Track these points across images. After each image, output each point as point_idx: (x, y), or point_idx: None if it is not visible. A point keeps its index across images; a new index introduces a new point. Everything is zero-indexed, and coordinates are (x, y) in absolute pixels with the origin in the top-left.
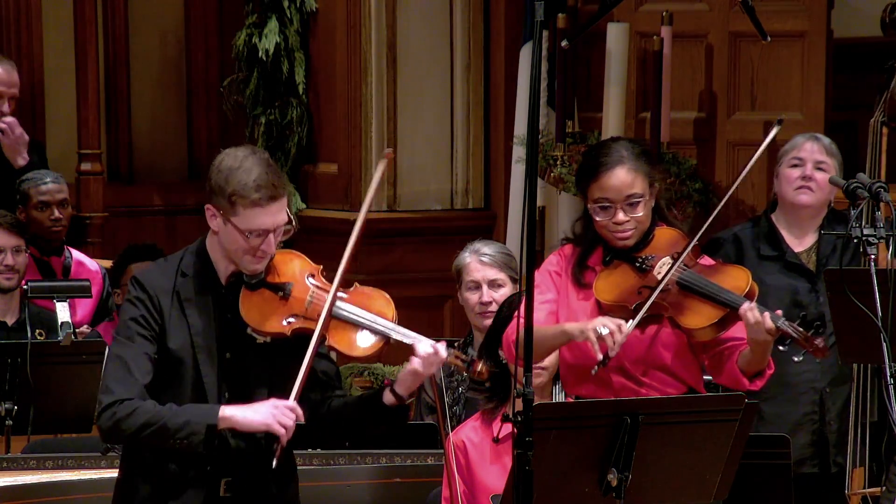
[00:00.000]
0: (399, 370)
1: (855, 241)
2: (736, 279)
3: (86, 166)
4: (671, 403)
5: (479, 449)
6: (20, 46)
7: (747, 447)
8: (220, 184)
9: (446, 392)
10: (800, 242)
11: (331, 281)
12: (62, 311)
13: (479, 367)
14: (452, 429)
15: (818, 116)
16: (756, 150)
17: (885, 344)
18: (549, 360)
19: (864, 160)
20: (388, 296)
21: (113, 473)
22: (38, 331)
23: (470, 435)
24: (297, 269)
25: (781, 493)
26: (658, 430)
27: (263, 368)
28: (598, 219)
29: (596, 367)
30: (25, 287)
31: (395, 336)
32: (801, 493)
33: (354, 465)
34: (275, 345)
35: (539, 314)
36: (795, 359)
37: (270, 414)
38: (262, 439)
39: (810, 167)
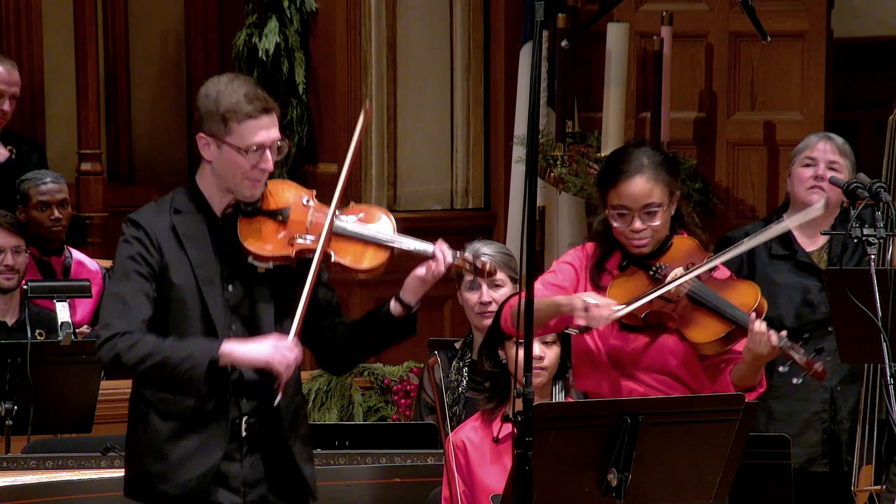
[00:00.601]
0: (399, 370)
1: (855, 240)
2: (745, 295)
3: (86, 166)
4: (671, 403)
5: (479, 449)
6: (20, 46)
7: (747, 447)
8: (211, 107)
9: (446, 392)
10: (811, 242)
11: (326, 204)
12: (62, 311)
13: (489, 266)
14: (452, 429)
15: (818, 116)
16: (756, 150)
17: (885, 344)
18: (549, 360)
19: (863, 160)
20: (387, 211)
21: (113, 473)
22: (38, 331)
23: (470, 435)
24: (291, 194)
25: (781, 493)
26: (658, 430)
27: (267, 298)
28: (615, 225)
29: (574, 329)
30: (25, 287)
31: (399, 245)
32: (811, 493)
33: (354, 465)
34: (277, 273)
35: (545, 291)
36: (795, 380)
37: (271, 351)
38: (262, 376)
39: (823, 167)
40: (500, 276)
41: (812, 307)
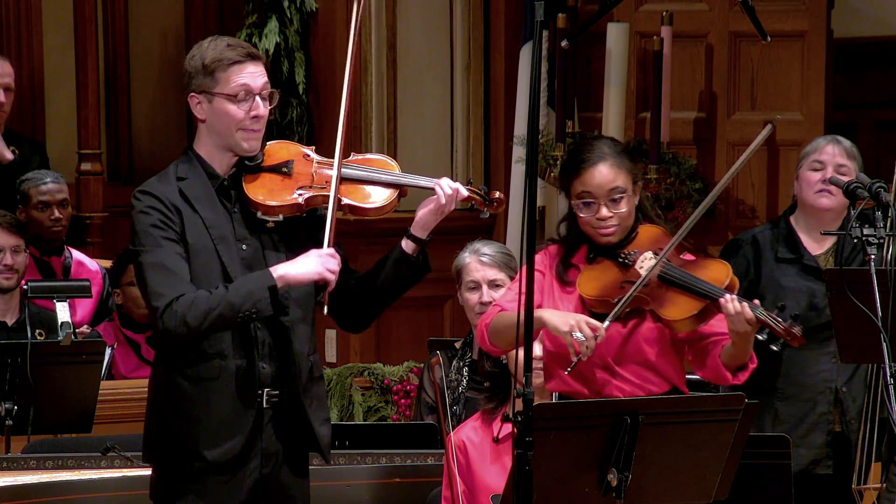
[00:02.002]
0: (399, 370)
1: (854, 240)
2: (716, 272)
3: (86, 166)
4: (671, 403)
5: (479, 449)
6: (20, 46)
7: (747, 447)
8: (196, 65)
9: (446, 392)
10: (818, 245)
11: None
12: (62, 311)
13: (497, 194)
14: (452, 429)
15: (818, 116)
16: (756, 150)
17: (885, 344)
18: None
19: (863, 160)
20: (388, 157)
21: (113, 473)
22: (38, 331)
23: (470, 435)
24: (292, 149)
25: (781, 493)
26: (658, 430)
27: (279, 253)
28: (581, 215)
29: (569, 369)
30: (25, 287)
31: (408, 182)
32: (816, 495)
33: (354, 465)
34: (286, 225)
35: (514, 305)
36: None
37: (319, 263)
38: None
39: (831, 171)
40: (500, 276)
41: (818, 311)
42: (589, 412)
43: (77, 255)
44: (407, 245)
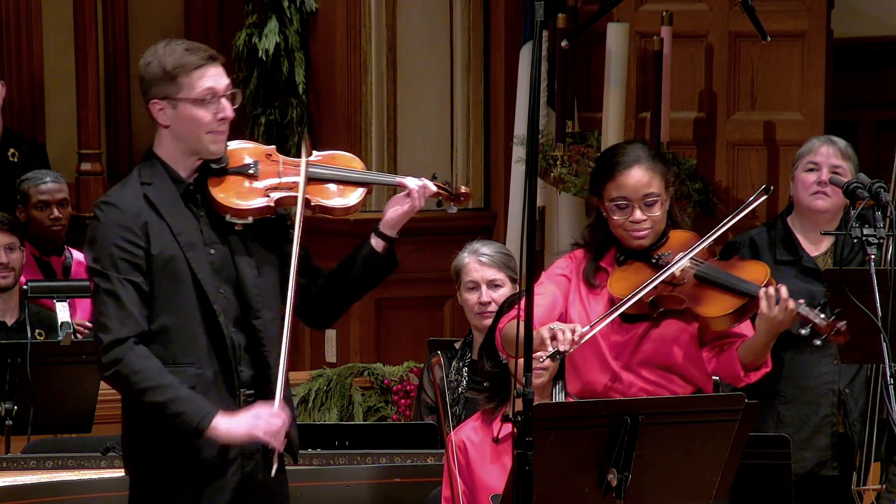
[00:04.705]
0: (399, 370)
1: (854, 240)
2: (754, 272)
3: (86, 166)
4: (671, 403)
5: (479, 449)
6: (20, 46)
7: (747, 447)
8: (156, 71)
9: (446, 392)
10: (815, 247)
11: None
12: (62, 311)
13: (463, 189)
14: (452, 429)
15: (818, 116)
16: (756, 150)
17: (885, 344)
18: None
19: (863, 160)
20: (349, 153)
21: (113, 473)
22: (37, 331)
23: (470, 435)
24: (254, 151)
25: (781, 493)
26: (658, 430)
27: (247, 256)
28: (615, 218)
29: (544, 357)
30: (25, 287)
31: (375, 180)
32: (821, 497)
33: (354, 465)
34: (254, 227)
35: (537, 311)
36: (816, 342)
37: (256, 426)
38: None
39: (826, 172)
40: (499, 276)
41: None
42: (589, 412)
43: (77, 255)
44: (376, 243)
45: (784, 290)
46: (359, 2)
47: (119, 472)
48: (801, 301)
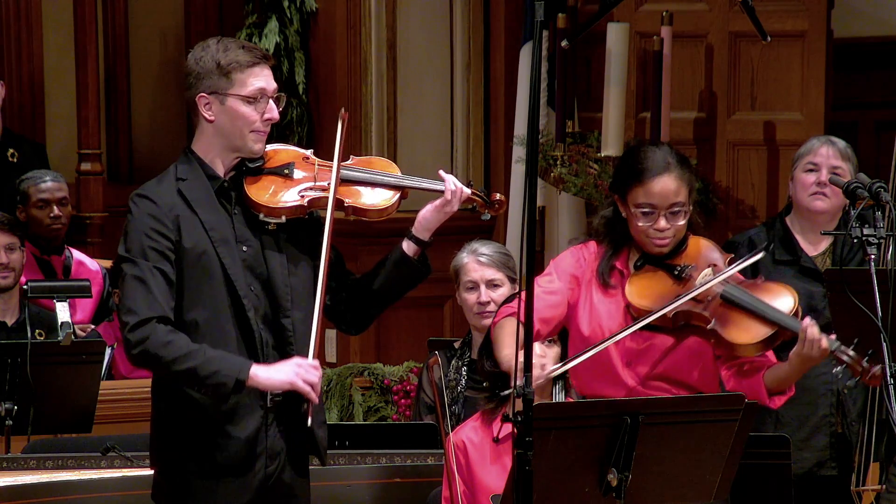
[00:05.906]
0: (399, 370)
1: (854, 240)
2: (784, 298)
3: (86, 166)
4: (671, 403)
5: (479, 449)
6: (20, 46)
7: (747, 447)
8: (209, 65)
9: (446, 392)
10: (814, 247)
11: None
12: (62, 311)
13: (498, 196)
14: (452, 429)
15: (818, 116)
16: (756, 150)
17: (885, 344)
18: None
19: (863, 160)
20: (388, 160)
21: (113, 473)
22: (37, 331)
23: (470, 435)
24: (291, 152)
25: (781, 493)
26: (658, 430)
27: (279, 255)
28: (638, 224)
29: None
30: (25, 287)
31: (411, 184)
32: (820, 497)
33: (354, 465)
34: (287, 227)
35: (538, 303)
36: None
37: (295, 373)
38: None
39: (825, 173)
40: (498, 276)
41: (817, 313)
42: (589, 412)
43: (77, 254)
44: (408, 247)
45: (816, 329)
46: (359, 2)
47: (119, 472)
48: (833, 337)
